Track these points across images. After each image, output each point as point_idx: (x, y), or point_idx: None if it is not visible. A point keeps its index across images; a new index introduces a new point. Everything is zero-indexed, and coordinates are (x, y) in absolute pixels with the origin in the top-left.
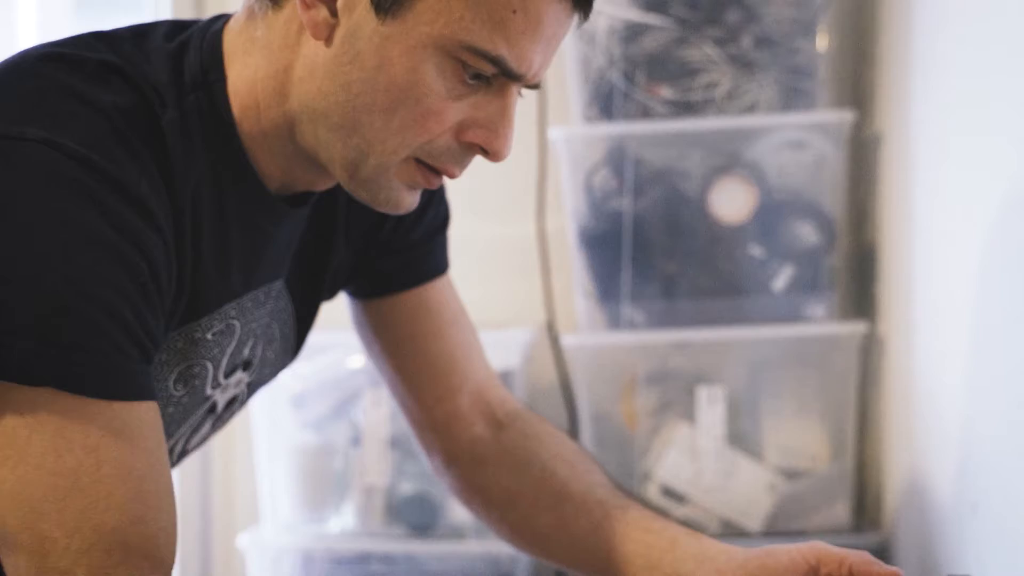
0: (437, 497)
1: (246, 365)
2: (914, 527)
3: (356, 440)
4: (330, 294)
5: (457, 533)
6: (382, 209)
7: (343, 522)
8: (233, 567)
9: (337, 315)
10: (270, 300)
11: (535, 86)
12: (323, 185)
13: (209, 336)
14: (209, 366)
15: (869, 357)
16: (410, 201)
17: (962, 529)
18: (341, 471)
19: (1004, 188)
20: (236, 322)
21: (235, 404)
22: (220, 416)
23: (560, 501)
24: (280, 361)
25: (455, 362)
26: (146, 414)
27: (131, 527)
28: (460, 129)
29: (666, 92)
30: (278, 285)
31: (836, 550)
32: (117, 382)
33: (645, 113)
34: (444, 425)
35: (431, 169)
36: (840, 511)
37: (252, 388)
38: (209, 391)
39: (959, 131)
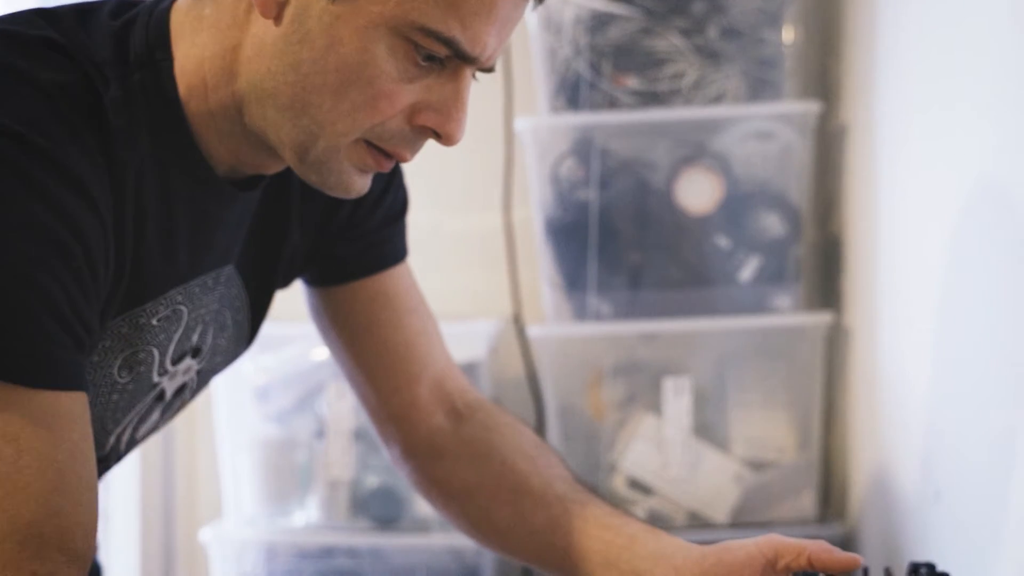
0: (402, 490)
1: (195, 352)
2: (879, 516)
3: (320, 433)
4: (285, 282)
5: (422, 526)
6: (332, 192)
7: (307, 516)
8: (196, 561)
9: (301, 307)
10: (219, 286)
11: (489, 69)
12: (273, 168)
13: (154, 322)
14: (155, 352)
15: (835, 348)
16: (361, 184)
17: (925, 517)
18: (305, 464)
19: (968, 180)
20: (183, 307)
21: (185, 392)
22: (169, 404)
23: (519, 495)
24: (233, 350)
25: (414, 351)
26: (73, 405)
27: (48, 520)
28: (412, 112)
29: (632, 82)
30: (228, 270)
31: (793, 541)
32: (42, 370)
33: (611, 103)
34: (402, 415)
35: (382, 152)
36: (806, 502)
37: (203, 376)
38: (156, 378)
39: (924, 123)
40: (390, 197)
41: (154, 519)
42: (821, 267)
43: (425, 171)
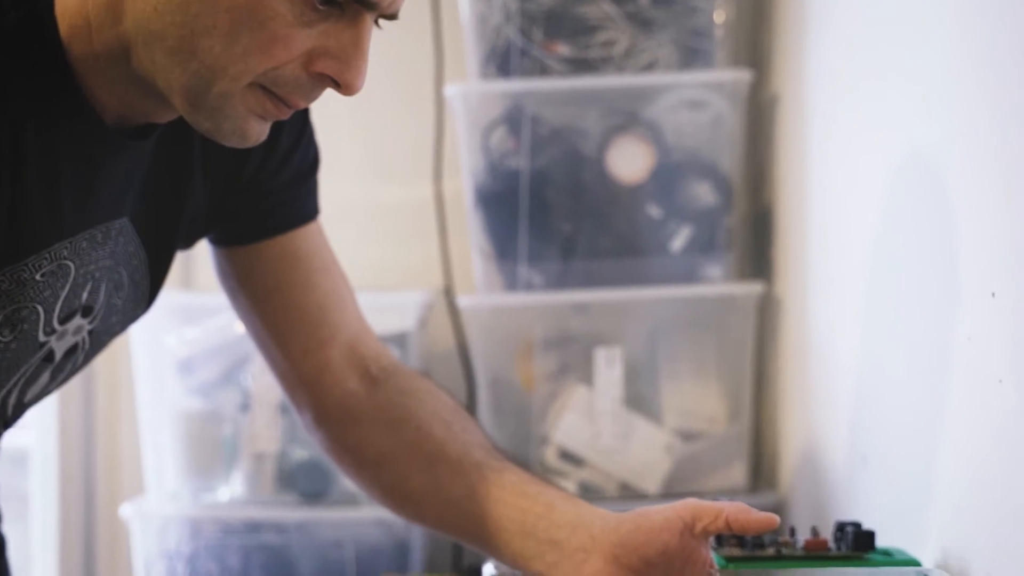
0: (329, 464)
1: (86, 311)
2: (809, 483)
3: (245, 406)
4: (188, 242)
5: (350, 500)
6: (227, 141)
7: (232, 490)
8: (117, 538)
9: None
10: (110, 241)
11: (392, 16)
12: (164, 116)
13: (38, 277)
14: (40, 310)
15: (765, 318)
16: (258, 132)
17: (853, 480)
18: (230, 438)
19: (897, 149)
20: (70, 263)
21: (77, 354)
22: (60, 366)
23: (435, 462)
24: (131, 311)
25: (325, 313)
26: None
27: None
28: (310, 58)
29: (563, 49)
30: (120, 224)
31: (711, 504)
32: None
33: (542, 70)
34: (314, 380)
35: (279, 98)
36: (737, 472)
37: (97, 338)
38: (42, 337)
39: (854, 92)
40: (299, 153)
41: (74, 495)
42: (752, 237)
43: (354, 141)
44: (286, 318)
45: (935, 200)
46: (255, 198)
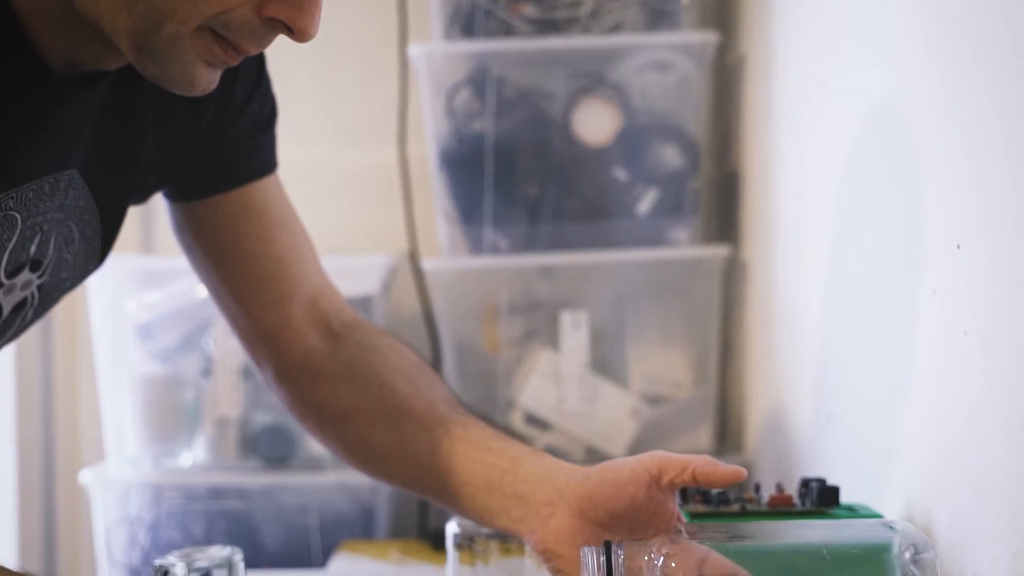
0: (293, 428)
1: (34, 265)
2: (774, 444)
3: (207, 371)
4: (141, 196)
5: (314, 465)
6: (176, 88)
7: (195, 456)
8: (78, 505)
9: None
10: (59, 192)
11: None
12: (112, 63)
13: None
14: None
15: (732, 281)
16: (207, 79)
17: (818, 438)
18: (192, 403)
19: (862, 109)
20: (16, 214)
21: (26, 309)
22: (7, 322)
23: (398, 418)
24: (82, 266)
25: (285, 268)
26: None
27: None
28: (261, 2)
29: (529, 10)
30: (69, 176)
31: (677, 456)
32: None
33: (508, 31)
34: (274, 336)
35: (228, 43)
36: (703, 436)
37: (47, 293)
38: None
39: (820, 53)
40: (255, 104)
41: (33, 462)
42: (719, 200)
43: (317, 105)
44: (245, 274)
45: (900, 156)
46: (211, 150)
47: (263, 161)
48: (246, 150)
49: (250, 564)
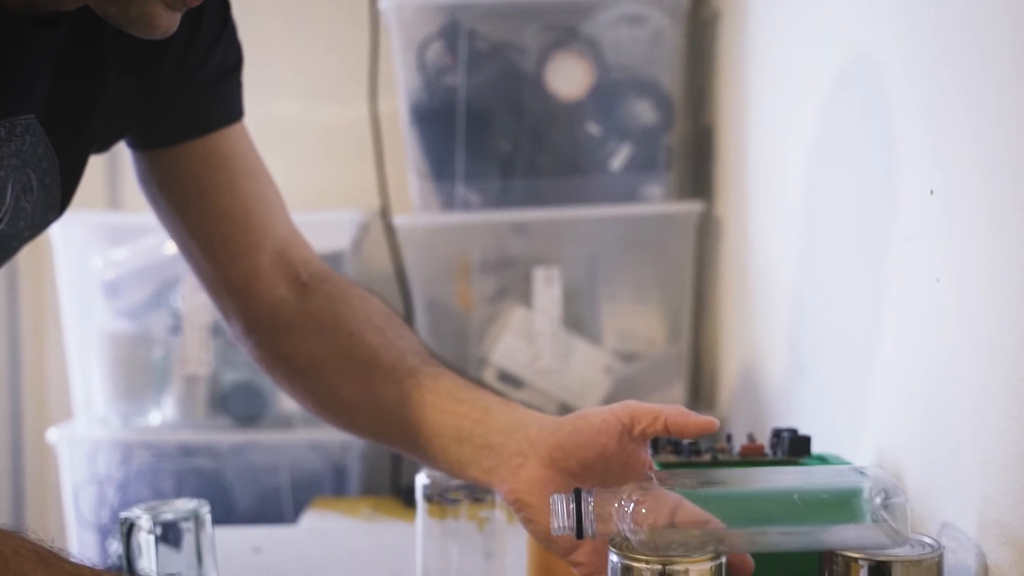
0: (264, 386)
1: None
2: (747, 398)
3: (176, 328)
4: (103, 144)
5: (286, 423)
6: (135, 30)
7: (164, 414)
8: (46, 463)
9: None
10: (15, 139)
11: None
12: (72, 3)
13: None
14: None
15: (706, 237)
16: (167, 21)
17: (791, 392)
18: (160, 361)
19: (836, 65)
20: None
21: None
22: None
23: (368, 369)
24: (41, 216)
25: (252, 218)
26: None
27: None
28: None
29: None
30: (26, 122)
31: (649, 406)
32: None
33: None
34: (242, 287)
35: None
36: (676, 392)
37: (6, 242)
38: None
39: (794, 8)
40: (220, 50)
41: (2, 419)
42: (692, 156)
43: (288, 60)
44: (211, 224)
45: (874, 105)
46: (174, 97)
47: (229, 109)
48: (211, 97)
49: (221, 523)
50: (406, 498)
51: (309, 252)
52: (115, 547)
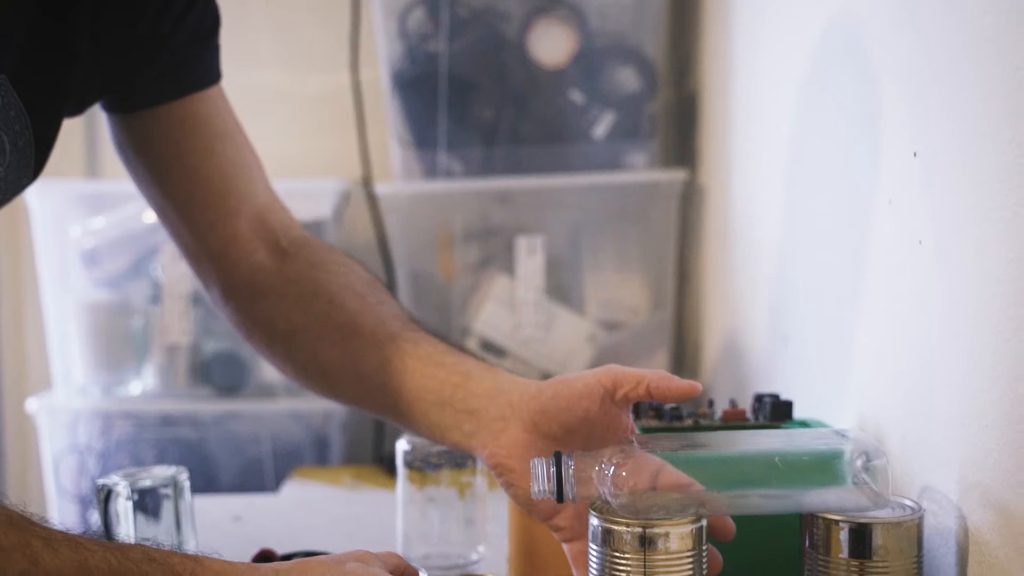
0: (245, 356)
1: None
2: (730, 366)
3: (156, 298)
4: (77, 107)
5: (268, 392)
6: None
7: (144, 384)
8: (26, 433)
9: None
10: None
11: None
12: None
13: None
14: None
15: (689, 206)
16: None
17: (774, 359)
18: (140, 330)
19: (821, 29)
20: None
21: None
22: None
23: (348, 335)
24: (14, 180)
25: (230, 182)
26: None
27: None
28: None
29: None
30: None
31: (632, 370)
32: None
33: None
34: (221, 252)
35: None
36: (659, 361)
37: None
38: None
39: None
40: (198, 12)
41: None
42: (676, 124)
43: (269, 29)
44: (188, 188)
45: (858, 66)
46: (150, 59)
47: (205, 71)
48: (188, 59)
49: (203, 492)
50: (388, 467)
51: (288, 217)
52: (95, 517)
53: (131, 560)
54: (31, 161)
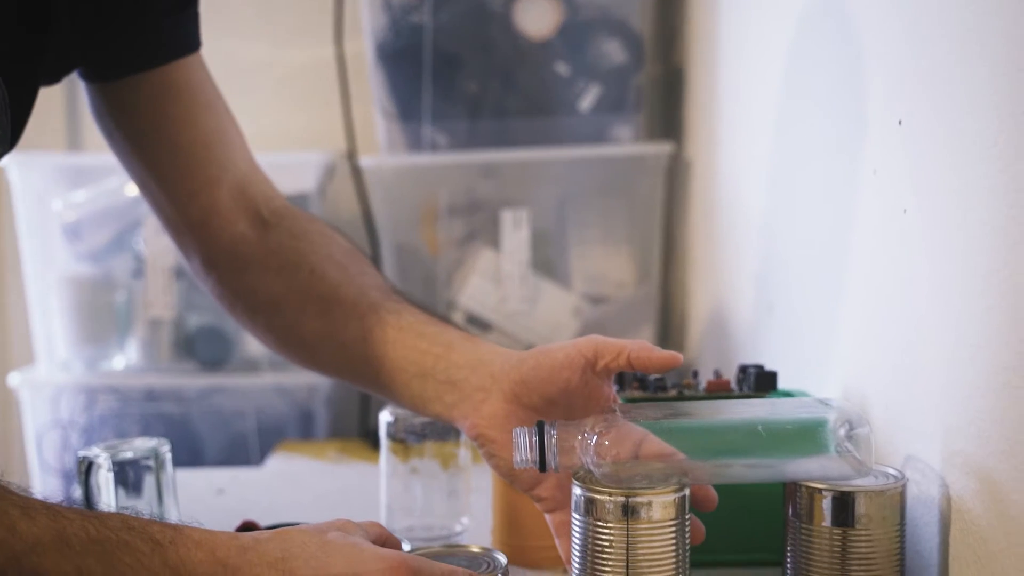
0: (229, 330)
1: None
2: (716, 337)
3: (138, 272)
4: (53, 76)
5: (252, 367)
6: None
7: (127, 358)
8: (8, 408)
9: None
10: None
11: None
12: None
13: None
14: None
15: (675, 179)
16: None
17: (759, 330)
18: (123, 305)
19: (805, 7)
20: None
21: None
22: None
23: (329, 306)
24: None
25: (210, 151)
26: None
27: None
28: None
29: None
30: None
31: (613, 341)
32: None
33: None
34: (202, 223)
35: None
36: (645, 334)
37: None
38: None
39: None
40: None
41: None
42: (662, 97)
43: (255, 2)
44: (168, 158)
45: (844, 36)
46: (129, 26)
47: (185, 39)
48: (167, 27)
49: (188, 466)
50: (373, 441)
51: (270, 187)
52: (78, 492)
53: (110, 528)
54: (7, 130)
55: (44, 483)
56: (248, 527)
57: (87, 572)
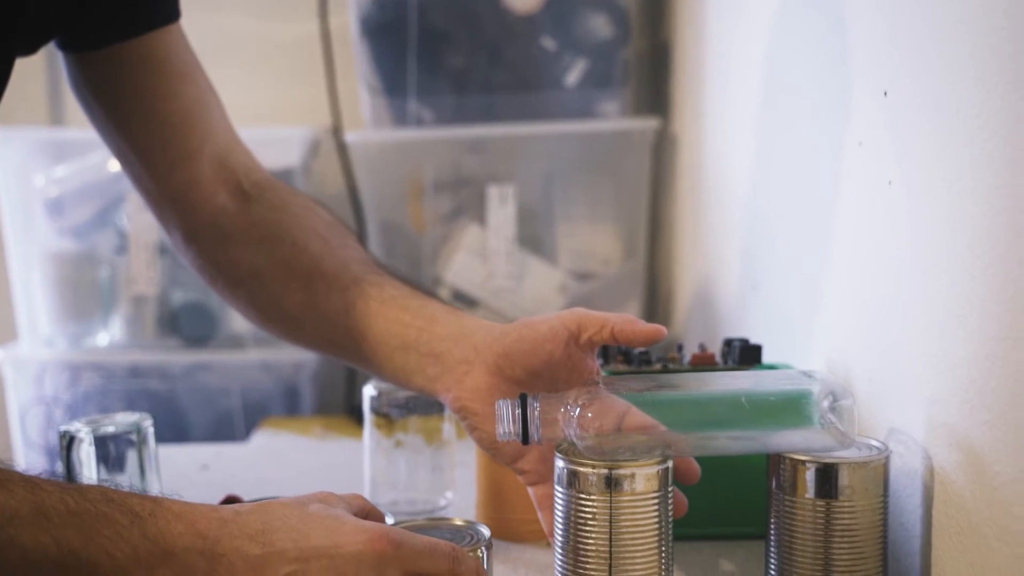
0: (214, 306)
1: None
2: (701, 314)
3: (122, 248)
4: (29, 46)
5: (236, 343)
6: None
7: (112, 335)
8: None
9: None
10: None
11: None
12: None
13: None
14: None
15: (662, 155)
16: None
17: (744, 306)
18: (107, 281)
19: None
20: None
21: None
22: None
23: (311, 279)
24: None
25: (190, 123)
26: None
27: None
28: None
29: None
30: None
31: (597, 314)
32: None
33: None
34: (182, 195)
35: None
36: (632, 310)
37: None
38: None
39: None
40: None
41: None
42: (649, 72)
43: None
44: (148, 130)
45: (827, 6)
46: None
47: (164, 9)
48: None
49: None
50: (359, 417)
51: (251, 160)
52: (61, 468)
53: (88, 501)
54: None
55: (28, 460)
56: (231, 500)
57: (65, 544)
